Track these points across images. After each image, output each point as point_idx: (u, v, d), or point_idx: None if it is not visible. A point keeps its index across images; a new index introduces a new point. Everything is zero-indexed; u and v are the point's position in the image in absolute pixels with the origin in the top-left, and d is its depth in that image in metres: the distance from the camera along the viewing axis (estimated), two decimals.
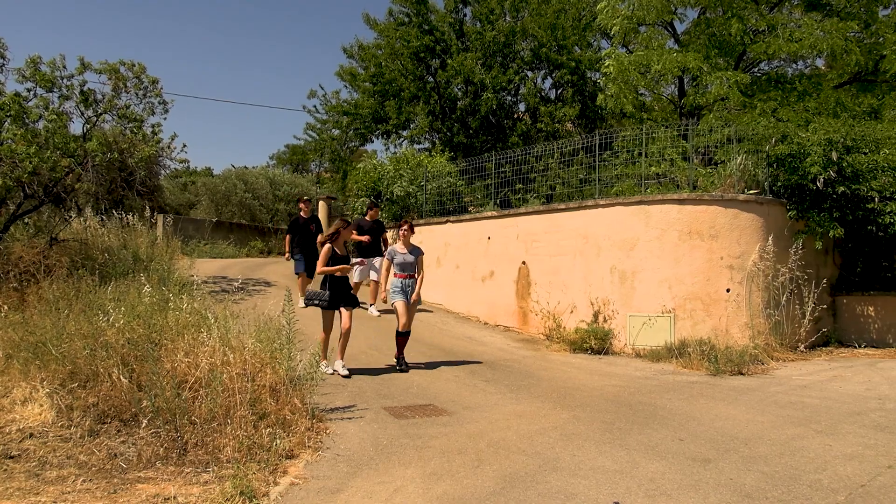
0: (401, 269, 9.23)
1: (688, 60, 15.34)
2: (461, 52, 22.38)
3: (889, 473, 5.22)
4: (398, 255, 9.30)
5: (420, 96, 22.87)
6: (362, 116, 23.93)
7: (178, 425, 5.58)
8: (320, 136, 26.32)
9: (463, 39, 23.13)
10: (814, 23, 14.88)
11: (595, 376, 9.35)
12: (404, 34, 22.43)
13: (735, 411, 7.34)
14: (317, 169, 43.66)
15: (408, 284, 9.23)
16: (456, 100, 23.28)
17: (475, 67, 22.06)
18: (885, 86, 16.64)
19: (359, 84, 24.30)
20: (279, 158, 47.62)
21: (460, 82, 22.81)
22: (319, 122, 26.45)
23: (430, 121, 22.87)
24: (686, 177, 12.45)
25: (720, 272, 10.95)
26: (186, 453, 5.39)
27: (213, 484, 4.86)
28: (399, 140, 24.51)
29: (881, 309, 12.25)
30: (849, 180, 11.52)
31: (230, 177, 31.64)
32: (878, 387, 8.61)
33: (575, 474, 5.25)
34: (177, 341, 6.86)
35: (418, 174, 17.22)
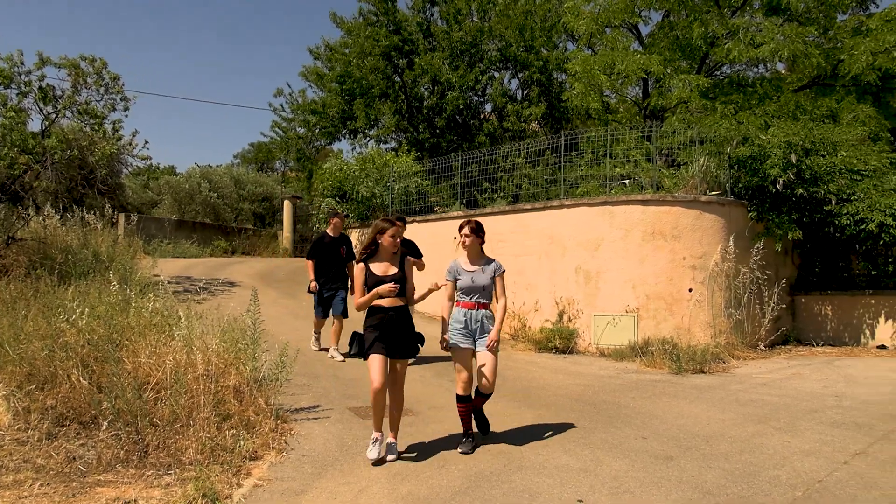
0: (467, 294, 6.04)
1: (651, 63, 15.53)
2: (428, 52, 22.39)
3: (845, 469, 5.34)
4: (463, 274, 6.07)
5: (389, 94, 22.82)
6: (329, 116, 23.81)
7: (140, 427, 5.49)
8: (286, 135, 26.12)
9: (430, 39, 23.15)
10: (774, 27, 15.15)
11: (560, 375, 9.42)
12: (373, 33, 22.37)
13: (697, 409, 7.45)
14: (282, 168, 43.34)
15: (475, 319, 5.97)
16: (423, 99, 23.28)
17: (442, 67, 22.09)
18: (842, 89, 17.00)
19: (325, 84, 24.17)
20: (244, 157, 47.15)
21: (427, 82, 22.81)
22: (285, 120, 26.29)
23: (397, 120, 22.84)
24: (650, 178, 12.60)
25: (683, 272, 11.10)
26: (148, 456, 5.31)
27: (175, 487, 4.80)
28: (366, 140, 24.44)
29: (838, 308, 12.52)
30: (807, 182, 11.76)
31: (194, 175, 31.24)
32: (834, 384, 8.80)
33: (539, 473, 5.29)
34: (139, 342, 6.76)
35: (384, 174, 17.18)
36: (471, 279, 6.00)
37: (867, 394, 8.18)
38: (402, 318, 5.80)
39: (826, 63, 16.06)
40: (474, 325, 5.96)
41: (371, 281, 5.68)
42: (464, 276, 6.06)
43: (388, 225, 5.77)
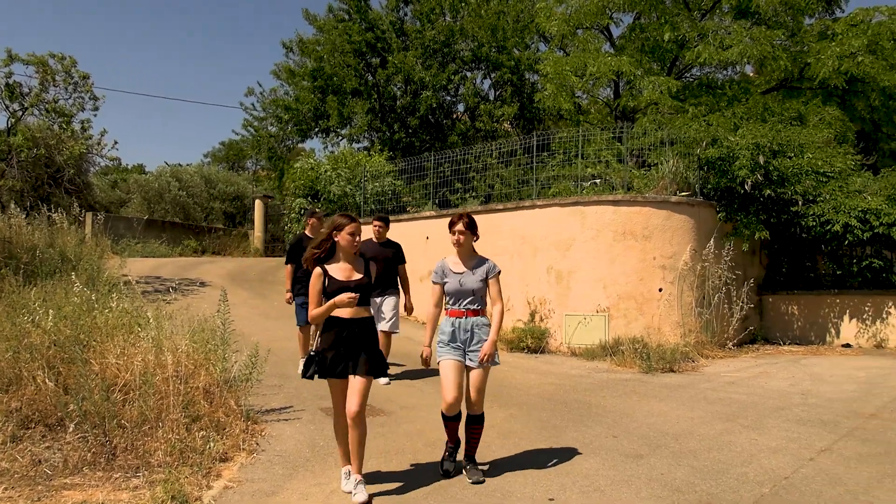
0: (455, 300, 5.28)
1: (622, 65, 15.66)
2: (401, 51, 22.37)
3: (811, 465, 5.43)
4: (451, 277, 5.31)
5: (361, 91, 22.76)
6: (302, 112, 23.68)
7: (107, 429, 5.42)
8: (258, 133, 25.92)
9: (403, 38, 23.13)
10: (743, 30, 15.36)
11: (531, 375, 9.46)
12: (345, 29, 22.29)
13: (666, 408, 7.52)
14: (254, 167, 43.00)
15: (464, 328, 5.20)
16: (395, 98, 23.24)
17: (415, 66, 22.08)
18: (809, 92, 17.29)
19: (297, 81, 24.03)
20: (215, 156, 46.69)
21: (400, 81, 22.78)
22: (257, 119, 26.10)
23: (370, 119, 22.78)
24: (621, 178, 12.71)
25: (653, 272, 11.20)
26: (115, 458, 5.24)
27: (144, 489, 4.75)
28: (338, 139, 24.34)
29: (804, 307, 12.73)
30: (775, 184, 11.93)
31: (163, 174, 30.91)
32: (801, 382, 8.94)
33: (511, 472, 5.31)
34: (106, 343, 6.67)
35: (357, 173, 17.13)
36: (459, 282, 5.20)
37: (832, 392, 8.32)
38: (366, 331, 4.93)
39: (793, 66, 16.33)
40: (463, 335, 5.17)
41: (332, 287, 4.84)
42: (451, 278, 5.24)
43: (345, 220, 4.95)
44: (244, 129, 26.39)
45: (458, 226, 5.30)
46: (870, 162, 16.01)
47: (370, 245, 8.53)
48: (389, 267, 8.70)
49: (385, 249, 8.77)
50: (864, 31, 15.73)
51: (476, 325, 5.21)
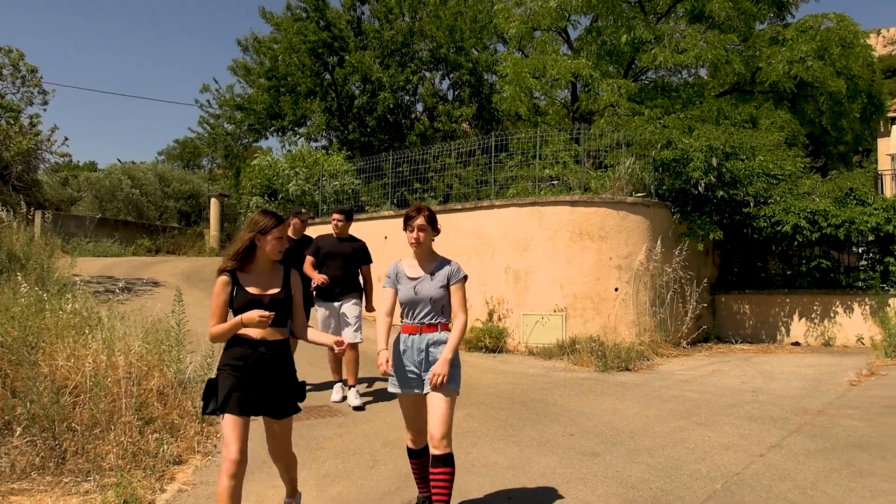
0: (409, 312, 4.36)
1: (580, 67, 15.82)
2: (359, 50, 22.27)
3: (761, 461, 5.55)
4: (404, 283, 4.39)
5: (317, 92, 22.61)
6: (256, 112, 23.42)
7: (57, 433, 5.29)
8: (214, 131, 25.56)
9: (361, 37, 23.04)
10: (697, 34, 15.64)
11: (489, 374, 9.50)
12: (301, 28, 22.11)
13: (622, 406, 7.62)
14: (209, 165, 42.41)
15: (418, 348, 4.24)
16: (353, 98, 23.13)
17: (373, 66, 22.00)
18: (761, 96, 17.68)
19: (253, 79, 23.78)
20: (169, 154, 45.92)
21: (358, 80, 22.69)
22: (213, 116, 25.74)
23: (327, 118, 22.64)
24: (578, 179, 12.83)
25: (609, 272, 11.33)
26: (65, 462, 5.12)
27: (95, 493, 4.65)
28: (295, 137, 24.15)
29: (755, 307, 13.00)
30: (727, 185, 12.17)
31: (115, 172, 30.26)
32: (752, 380, 9.13)
33: (469, 472, 5.32)
34: (56, 344, 6.51)
35: (315, 172, 17.01)
36: (413, 289, 4.26)
37: (782, 389, 8.52)
38: (279, 357, 4.02)
39: (746, 70, 16.67)
40: (417, 355, 4.19)
41: (240, 302, 3.94)
42: (404, 285, 4.31)
43: (269, 221, 4.00)
44: (200, 126, 26.02)
45: (418, 220, 4.28)
46: (818, 164, 16.48)
47: (328, 240, 7.68)
48: (350, 266, 7.62)
49: (344, 245, 7.67)
50: (813, 37, 16.16)
51: (433, 343, 4.19)
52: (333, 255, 7.56)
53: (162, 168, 33.11)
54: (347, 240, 7.75)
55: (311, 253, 7.63)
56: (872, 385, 8.70)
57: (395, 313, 4.38)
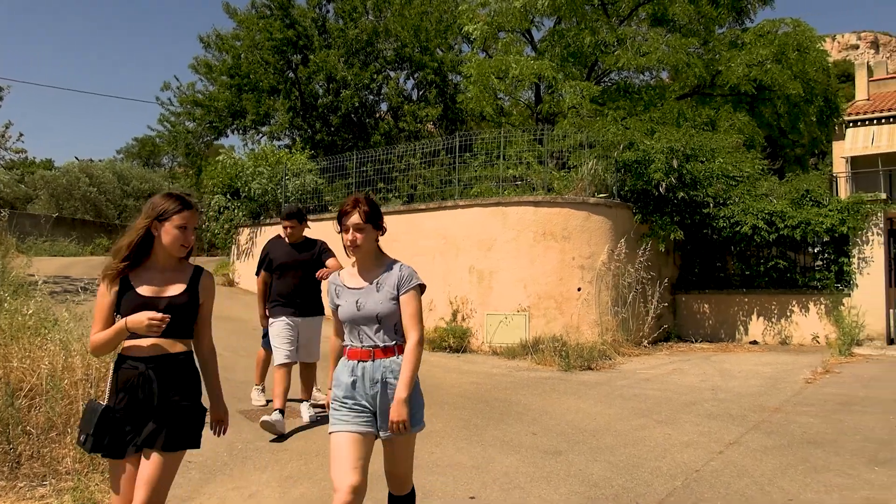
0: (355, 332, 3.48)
1: (543, 68, 15.92)
2: (323, 49, 22.14)
3: (720, 458, 5.64)
4: (344, 295, 3.51)
5: (281, 90, 22.42)
6: (218, 109, 23.13)
7: (11, 436, 5.17)
8: (174, 129, 25.19)
9: (325, 36, 22.91)
10: (659, 37, 15.85)
11: (453, 374, 9.51)
12: (266, 25, 21.90)
13: (584, 405, 7.68)
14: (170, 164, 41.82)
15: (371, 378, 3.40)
16: (317, 97, 23.00)
17: (337, 64, 21.90)
18: (720, 99, 17.97)
19: (215, 76, 23.50)
20: (128, 152, 45.17)
21: (322, 79, 22.56)
22: (174, 114, 25.38)
23: (291, 117, 22.47)
24: (541, 180, 12.91)
25: (572, 272, 11.42)
26: (20, 466, 5.00)
27: (51, 498, 4.55)
28: (258, 136, 23.92)
29: (715, 306, 13.22)
30: (688, 187, 12.36)
31: (72, 170, 29.70)
32: (711, 378, 9.27)
33: (432, 472, 5.32)
34: (10, 346, 6.36)
35: (278, 171, 16.86)
36: (356, 303, 3.39)
37: (740, 386, 8.67)
38: (174, 376, 3.18)
39: (706, 73, 16.93)
40: (371, 388, 3.35)
41: (131, 305, 3.13)
42: (345, 299, 3.44)
43: (172, 205, 3.20)
44: (160, 124, 25.64)
45: (353, 217, 3.37)
46: (776, 167, 16.78)
47: (281, 248, 6.74)
48: (310, 276, 6.61)
49: (301, 253, 6.74)
50: (772, 41, 16.48)
51: (390, 371, 3.36)
52: (289, 265, 6.68)
53: (121, 166, 32.62)
54: (303, 245, 6.85)
55: (263, 265, 6.70)
56: (827, 383, 8.90)
57: None
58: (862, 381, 8.90)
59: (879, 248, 11.93)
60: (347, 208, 3.39)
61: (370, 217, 3.39)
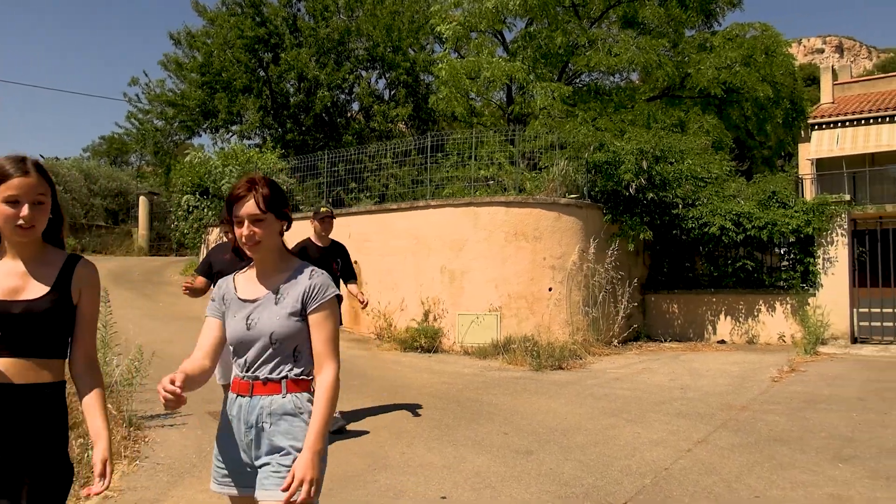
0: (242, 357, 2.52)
1: (515, 70, 15.97)
2: (295, 48, 21.99)
3: (689, 456, 5.70)
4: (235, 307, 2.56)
5: (252, 89, 22.22)
6: (189, 108, 22.87)
7: None
8: (143, 127, 24.83)
9: (297, 34, 22.75)
10: (630, 39, 15.98)
11: (425, 374, 9.51)
12: (237, 23, 21.70)
13: (555, 404, 7.72)
14: (138, 162, 41.29)
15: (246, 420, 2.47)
16: (289, 96, 22.86)
17: (309, 63, 21.76)
18: (690, 101, 18.17)
19: (185, 74, 23.22)
20: (95, 150, 44.50)
21: (293, 78, 22.41)
22: (142, 112, 25.01)
23: (262, 116, 22.29)
24: (513, 180, 12.96)
25: (543, 272, 11.48)
26: None
27: None
28: (228, 135, 23.68)
29: (684, 306, 13.36)
30: (657, 187, 12.48)
31: None
32: (680, 377, 9.38)
33: (404, 472, 5.32)
34: None
35: (248, 170, 16.72)
36: (246, 320, 2.51)
37: (708, 385, 8.77)
38: (27, 415, 2.25)
39: (676, 75, 17.12)
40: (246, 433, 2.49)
41: None
42: (234, 311, 2.57)
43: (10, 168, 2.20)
44: (128, 121, 25.24)
45: (248, 204, 2.45)
46: (743, 168, 17.05)
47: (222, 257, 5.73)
48: None
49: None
50: (740, 44, 16.72)
51: (273, 413, 2.44)
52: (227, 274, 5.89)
53: (87, 165, 32.05)
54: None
55: (202, 272, 6.01)
56: (793, 381, 9.05)
57: None
58: (826, 380, 9.06)
59: (844, 249, 12.15)
60: (240, 192, 2.46)
61: (272, 203, 2.47)
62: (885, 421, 6.75)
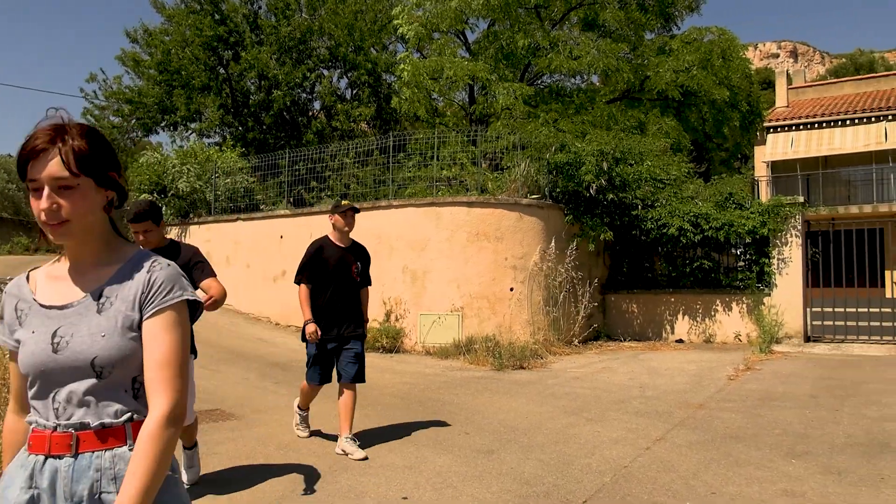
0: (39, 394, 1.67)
1: (477, 70, 16.02)
2: (255, 46, 21.76)
3: (647, 454, 5.77)
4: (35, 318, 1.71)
5: (212, 87, 21.93)
6: (146, 105, 22.48)
7: None
8: (99, 124, 24.34)
9: (257, 32, 22.51)
10: (590, 42, 16.15)
11: (386, 374, 9.48)
12: (196, 21, 21.38)
13: (516, 404, 7.76)
14: None
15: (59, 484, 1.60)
16: (249, 94, 22.61)
17: (270, 62, 21.56)
18: (649, 103, 18.43)
19: (143, 70, 22.82)
20: None
21: (254, 76, 22.17)
22: (98, 108, 24.51)
23: (222, 114, 22.02)
24: (475, 181, 12.99)
25: (505, 272, 11.53)
26: None
27: None
28: (187, 133, 23.34)
29: (643, 306, 13.53)
30: (617, 189, 12.62)
31: None
32: (639, 376, 9.49)
33: (365, 473, 5.29)
34: None
35: (207, 169, 16.51)
36: (52, 338, 1.66)
37: (667, 384, 8.89)
38: None
39: (635, 78, 17.34)
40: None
41: None
42: (32, 324, 1.70)
43: None
44: (84, 118, 24.71)
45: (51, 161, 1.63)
46: (701, 170, 17.33)
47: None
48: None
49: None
50: (698, 48, 17.00)
51: (110, 478, 1.64)
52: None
53: None
54: (166, 253, 4.65)
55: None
56: (748, 379, 9.22)
57: None
58: (781, 378, 9.25)
59: (798, 250, 12.41)
60: (38, 143, 1.64)
61: (89, 162, 1.67)
62: (836, 418, 6.92)
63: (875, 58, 70.41)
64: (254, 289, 14.41)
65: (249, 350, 10.91)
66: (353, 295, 5.87)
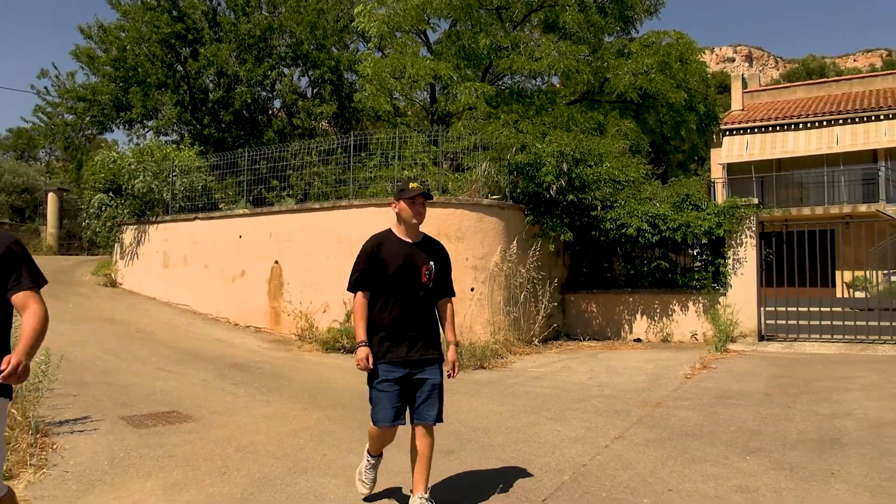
0: None
1: (440, 68, 16.05)
2: (214, 43, 21.46)
3: (606, 452, 5.84)
4: None
5: (169, 84, 21.56)
6: (101, 103, 22.03)
7: None
8: (52, 121, 23.77)
9: (216, 29, 22.19)
10: (551, 44, 16.27)
11: (348, 375, 9.43)
12: (153, 19, 20.99)
13: (477, 403, 7.79)
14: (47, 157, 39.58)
15: None
16: (207, 91, 22.29)
17: (229, 59, 21.27)
18: (608, 105, 18.64)
19: (98, 67, 22.34)
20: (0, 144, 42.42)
21: (213, 73, 21.86)
22: (51, 105, 23.93)
23: (179, 112, 21.67)
24: (436, 181, 13.00)
25: (466, 272, 11.56)
26: None
27: None
28: (144, 131, 22.90)
29: (602, 306, 13.68)
30: (577, 189, 12.75)
31: None
32: (598, 375, 9.59)
33: (325, 474, 5.27)
34: None
35: (164, 168, 16.25)
36: None
37: (625, 383, 9.01)
38: None
39: (595, 80, 17.52)
40: None
41: None
42: None
43: None
44: (35, 115, 24.15)
45: None
46: (659, 171, 17.59)
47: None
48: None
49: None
50: (656, 51, 17.23)
51: None
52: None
53: None
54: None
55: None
56: (704, 378, 9.38)
57: None
58: (735, 376, 9.43)
59: (752, 250, 12.66)
60: None
61: None
62: (788, 415, 7.07)
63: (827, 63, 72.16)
64: (212, 289, 14.24)
65: (207, 351, 10.77)
66: (425, 304, 4.58)
